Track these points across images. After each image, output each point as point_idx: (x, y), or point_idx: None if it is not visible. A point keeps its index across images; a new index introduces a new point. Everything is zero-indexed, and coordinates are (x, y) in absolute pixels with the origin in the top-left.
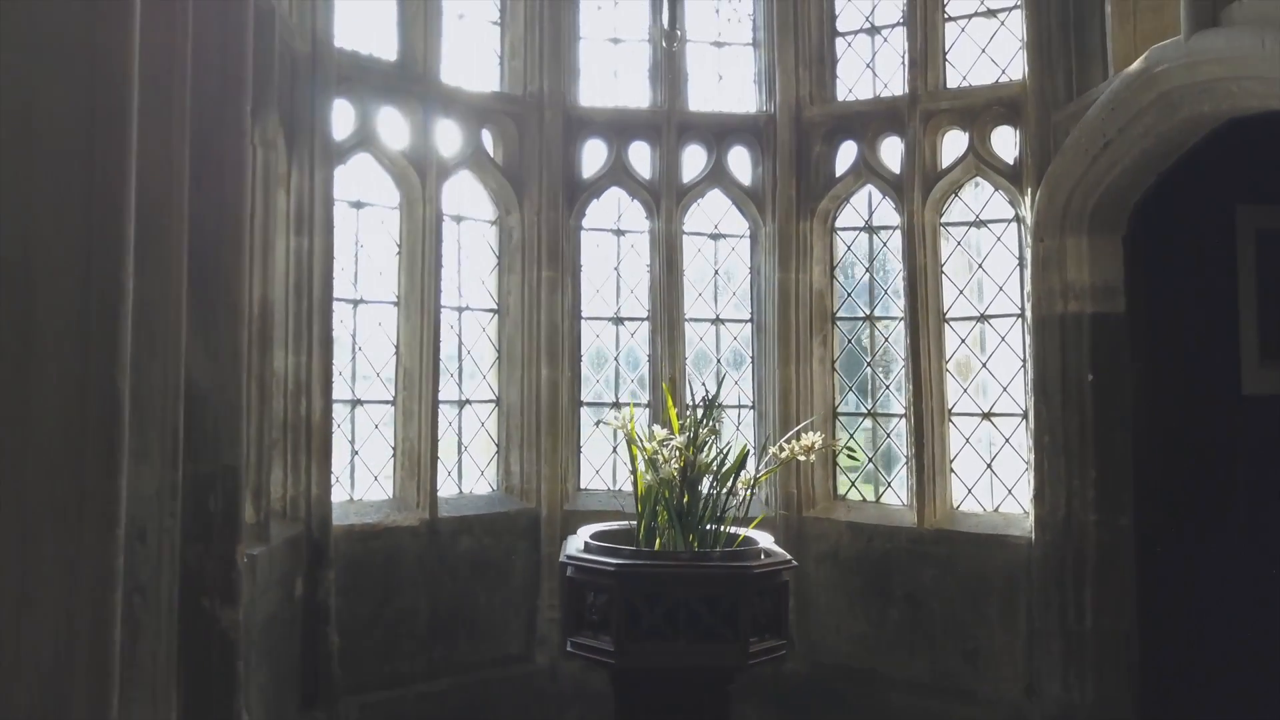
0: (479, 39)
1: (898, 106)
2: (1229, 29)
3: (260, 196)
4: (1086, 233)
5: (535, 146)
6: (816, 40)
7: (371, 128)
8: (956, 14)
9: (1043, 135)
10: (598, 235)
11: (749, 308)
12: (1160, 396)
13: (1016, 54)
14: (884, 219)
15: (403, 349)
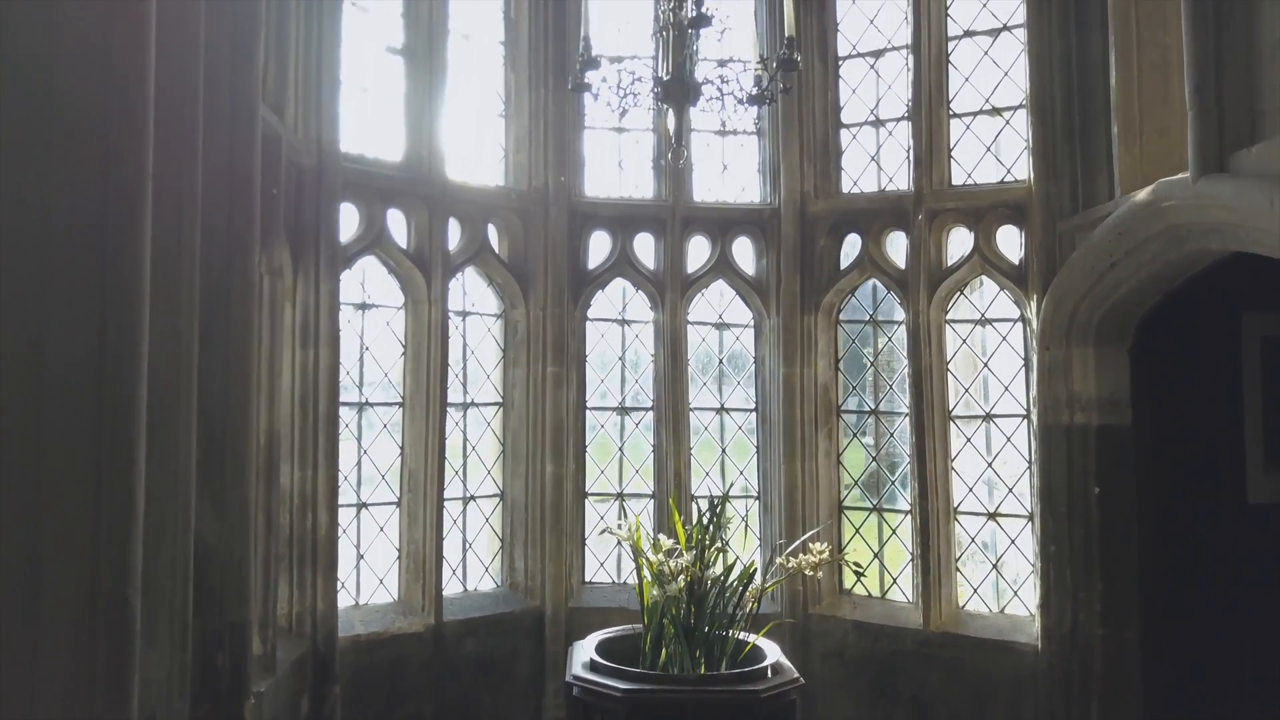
0: (483, 134)
1: (902, 205)
2: (1238, 180)
3: (267, 322)
4: (1093, 344)
5: (540, 240)
6: (821, 132)
7: (377, 230)
8: (961, 110)
9: (1048, 243)
10: (603, 325)
11: (754, 397)
12: (1166, 507)
13: (1021, 154)
14: (889, 313)
15: (408, 450)
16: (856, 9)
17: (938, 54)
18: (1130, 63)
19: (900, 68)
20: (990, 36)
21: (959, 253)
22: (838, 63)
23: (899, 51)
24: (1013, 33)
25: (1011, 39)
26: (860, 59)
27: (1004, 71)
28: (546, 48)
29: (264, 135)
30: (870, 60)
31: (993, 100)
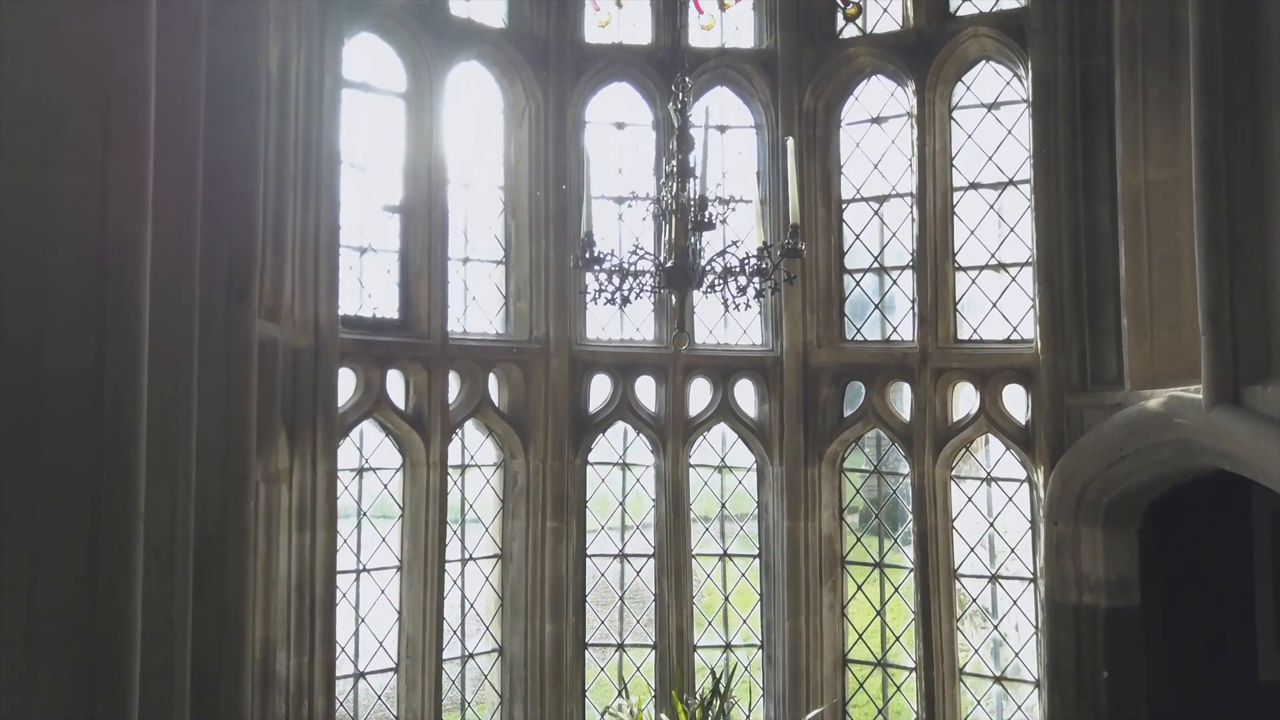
0: (483, 283)
1: (908, 361)
2: (1252, 421)
3: (263, 532)
4: (1101, 525)
5: (541, 389)
6: (824, 278)
7: (375, 395)
8: (967, 264)
9: (1056, 415)
10: (603, 469)
11: (756, 542)
12: (1176, 688)
13: (1028, 313)
14: (894, 465)
15: (405, 615)
16: (860, 152)
17: (943, 206)
18: (1141, 254)
19: (905, 215)
20: (995, 190)
21: (965, 409)
22: (841, 207)
23: (903, 199)
24: (1019, 188)
25: (1018, 195)
26: (864, 203)
27: (1010, 227)
28: (548, 195)
29: (261, 341)
30: (874, 205)
31: (999, 255)
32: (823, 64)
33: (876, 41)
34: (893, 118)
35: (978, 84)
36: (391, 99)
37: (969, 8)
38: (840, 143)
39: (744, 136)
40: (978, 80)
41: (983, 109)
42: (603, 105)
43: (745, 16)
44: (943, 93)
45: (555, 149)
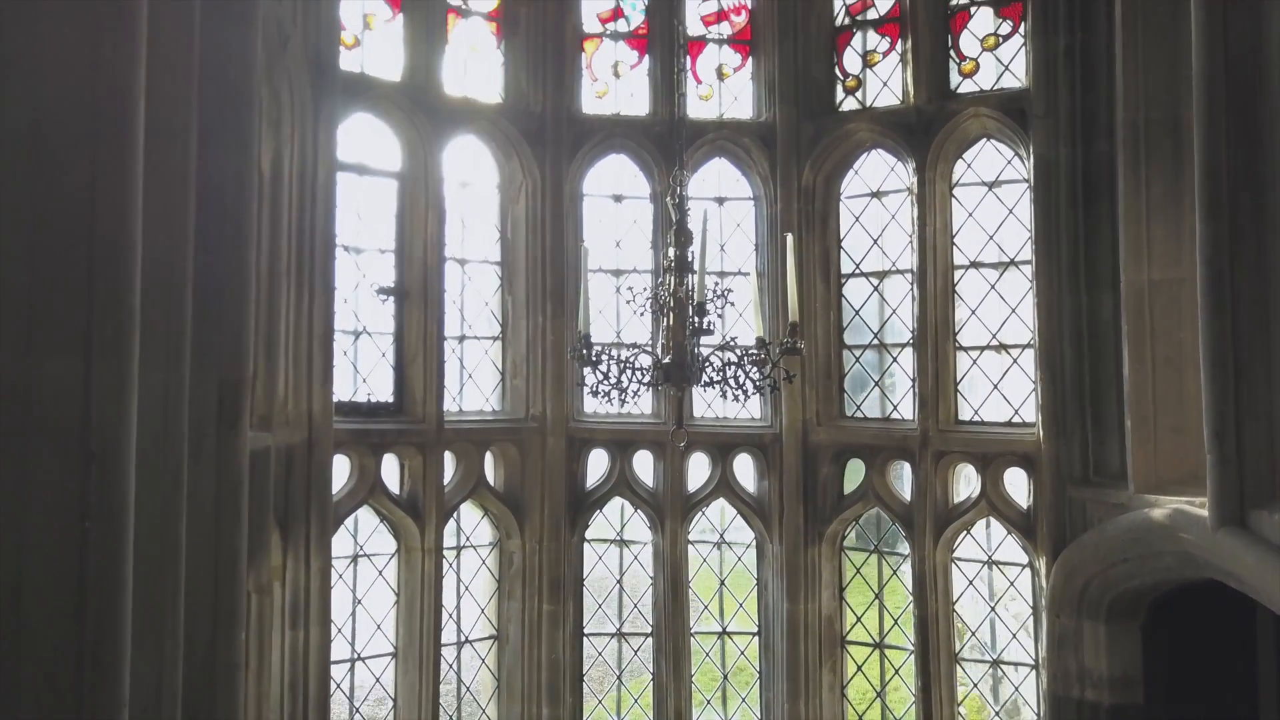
0: (479, 360)
1: (908, 443)
2: (1259, 549)
3: (255, 643)
4: (1104, 620)
5: (537, 468)
6: (824, 354)
7: (370, 482)
8: (968, 344)
9: (1058, 505)
10: (600, 546)
11: (755, 620)
12: None
13: (1029, 395)
14: (893, 544)
15: (401, 703)
16: (860, 228)
17: (944, 285)
18: (1144, 355)
19: (905, 291)
20: (996, 270)
21: (966, 490)
22: (840, 282)
23: (903, 275)
24: (1020, 269)
25: (1019, 276)
26: (863, 278)
27: (1011, 308)
28: (545, 271)
29: (253, 451)
30: (874, 281)
31: (1000, 336)
32: (822, 139)
33: (877, 117)
34: (893, 192)
35: (978, 161)
36: (386, 179)
37: (969, 85)
38: (840, 216)
39: (742, 208)
40: (978, 158)
41: (984, 187)
42: (600, 177)
43: (744, 86)
44: (943, 170)
45: (553, 223)
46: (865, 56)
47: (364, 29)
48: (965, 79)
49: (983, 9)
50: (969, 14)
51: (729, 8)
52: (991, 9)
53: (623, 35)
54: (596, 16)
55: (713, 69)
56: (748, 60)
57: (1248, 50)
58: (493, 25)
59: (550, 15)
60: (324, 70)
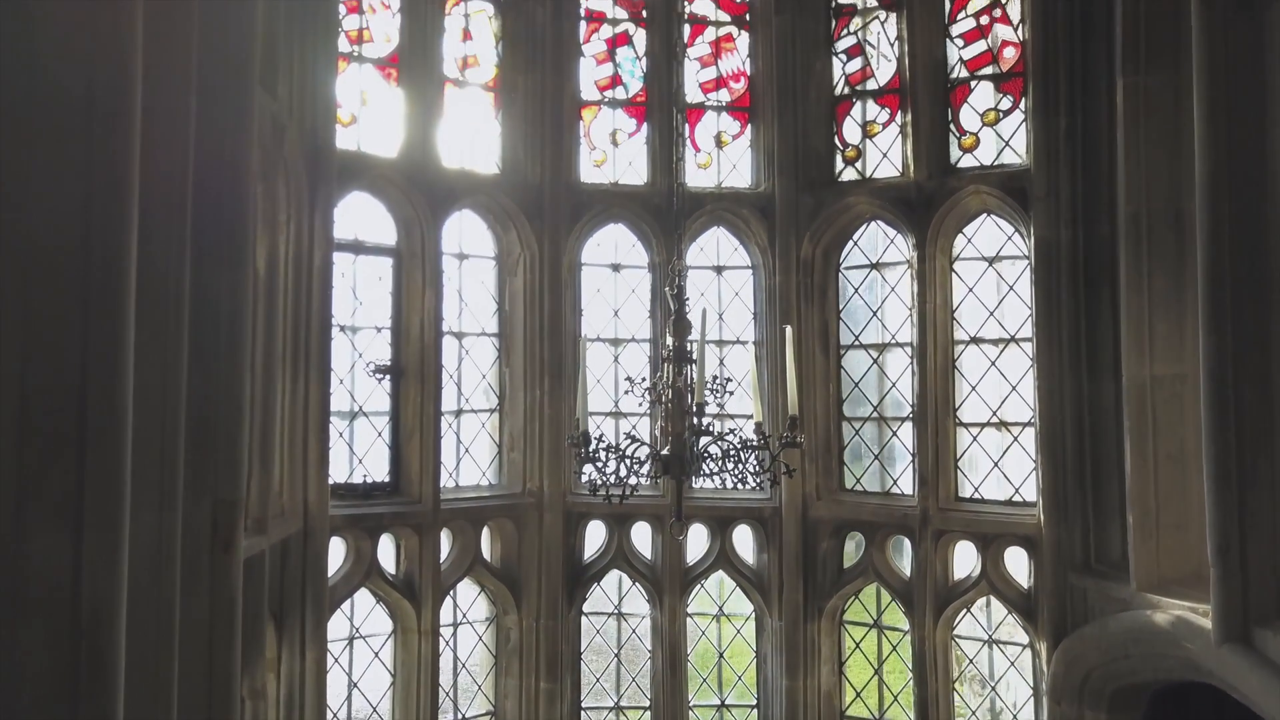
0: (476, 432)
1: (908, 522)
2: (1263, 671)
3: None
4: (1105, 710)
5: (534, 544)
6: (823, 427)
7: (366, 564)
8: (968, 420)
9: (1059, 591)
10: (598, 619)
11: (754, 693)
12: None
13: (1030, 474)
14: (892, 619)
15: None
16: (859, 299)
17: (944, 361)
18: (1146, 450)
19: (905, 365)
20: (997, 347)
21: (966, 568)
22: (840, 353)
23: (903, 348)
24: (1021, 346)
25: (1020, 353)
26: (862, 350)
27: (1012, 386)
28: (542, 344)
29: (248, 559)
30: (873, 354)
31: (1001, 413)
32: (821, 211)
33: (876, 191)
34: (892, 265)
35: (979, 236)
36: (382, 257)
37: (970, 160)
38: (839, 287)
39: (740, 276)
40: (979, 233)
41: (984, 262)
42: (598, 244)
43: (743, 153)
44: (943, 245)
45: (551, 296)
46: (865, 127)
47: (361, 105)
48: (965, 153)
49: (983, 83)
50: (969, 88)
51: (728, 74)
52: (991, 84)
53: (621, 103)
54: (595, 84)
55: (711, 136)
56: (746, 127)
57: (1252, 159)
58: (490, 95)
59: (548, 84)
60: (320, 155)
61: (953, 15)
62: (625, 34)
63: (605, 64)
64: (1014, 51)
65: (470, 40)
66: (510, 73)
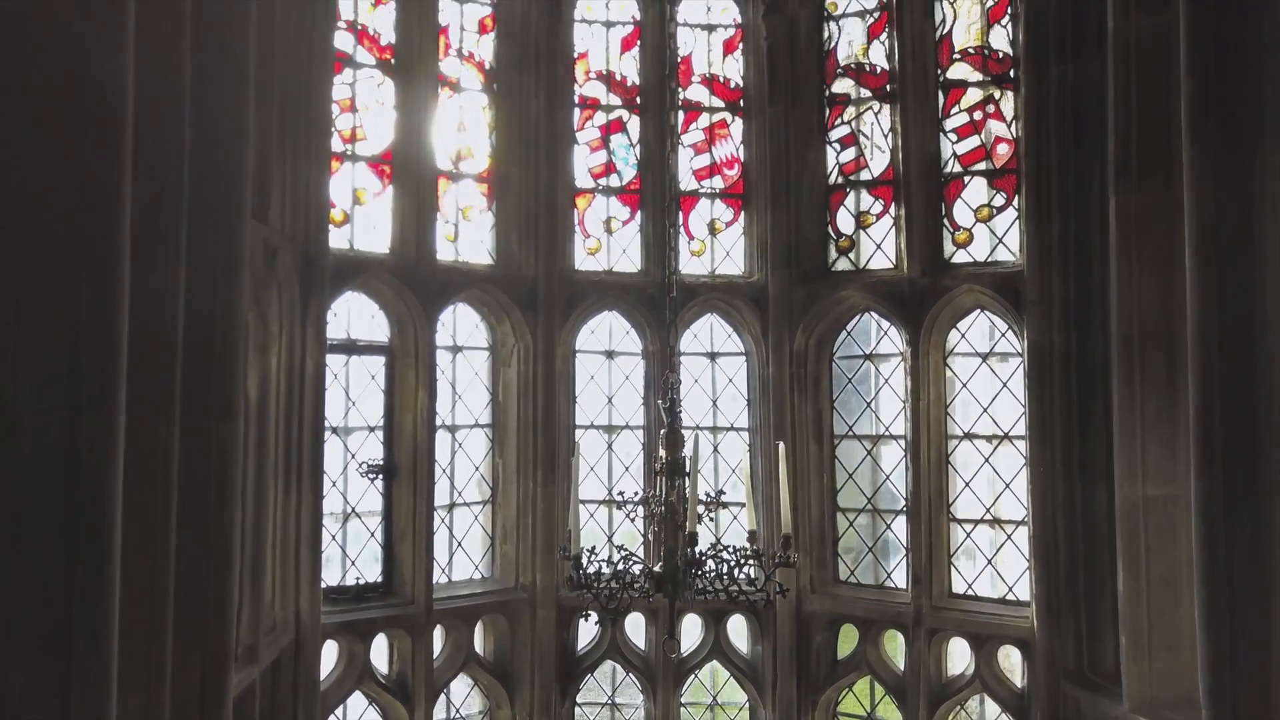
0: (469, 524)
1: (902, 619)
2: None
3: None
4: None
5: (527, 641)
6: (817, 519)
7: (359, 668)
8: (962, 516)
9: (1051, 698)
10: (591, 709)
11: None
12: None
13: (1024, 572)
14: (887, 713)
15: None
16: (852, 389)
17: (937, 457)
18: (1139, 572)
19: (899, 457)
20: (990, 443)
21: (960, 663)
22: (834, 443)
23: (896, 441)
24: (1014, 443)
25: (1013, 451)
26: (856, 440)
27: (1005, 484)
28: (536, 436)
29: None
30: (866, 445)
31: (995, 510)
32: (815, 303)
33: (870, 286)
34: (886, 356)
35: (972, 332)
36: (375, 356)
37: (963, 255)
38: (832, 376)
39: (734, 362)
40: (972, 328)
41: (977, 358)
42: (592, 329)
43: (736, 240)
44: (937, 341)
45: (544, 387)
46: (859, 218)
47: (354, 203)
48: (959, 248)
49: (976, 179)
50: (963, 183)
51: (721, 161)
52: (985, 180)
53: (615, 191)
54: (589, 171)
55: (705, 223)
56: (740, 215)
57: (1242, 304)
58: (484, 187)
59: (542, 174)
60: (313, 264)
61: (946, 109)
62: (619, 121)
63: (599, 151)
64: (1007, 148)
65: (464, 131)
66: (504, 163)
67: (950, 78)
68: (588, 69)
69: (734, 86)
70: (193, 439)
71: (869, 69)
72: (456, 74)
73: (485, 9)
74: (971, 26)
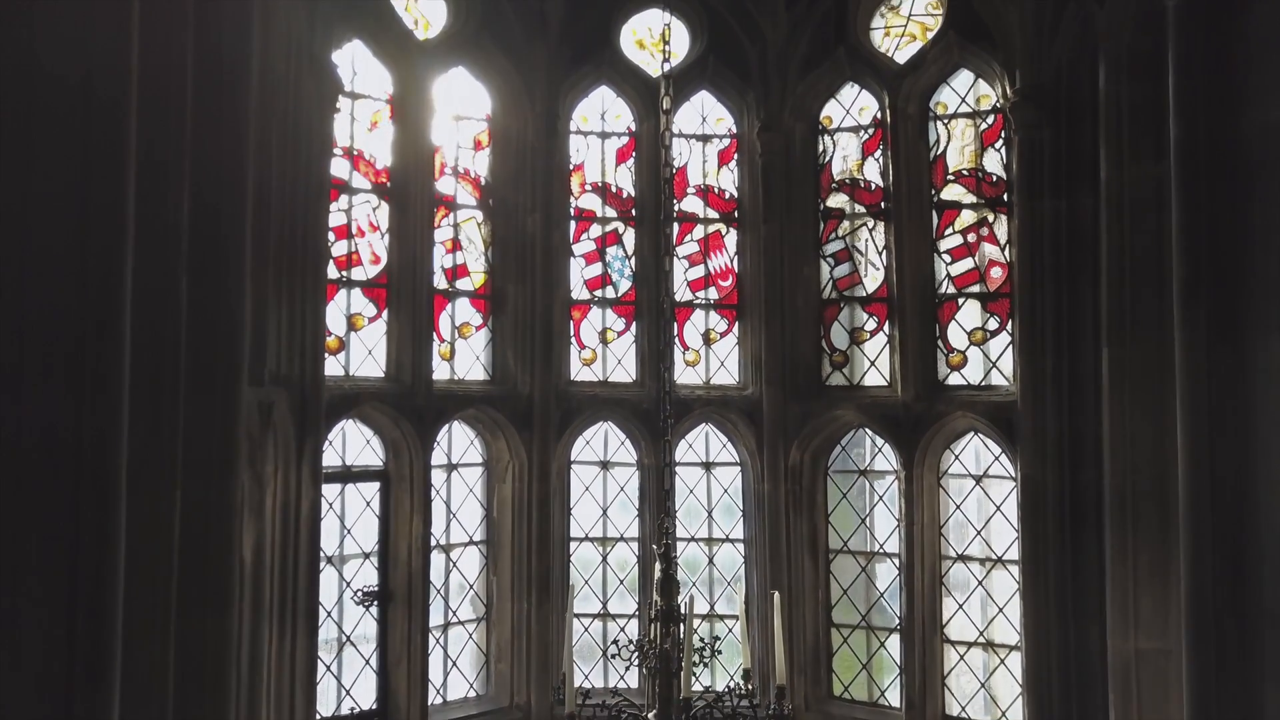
0: (463, 642)
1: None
2: None
3: None
4: None
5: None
6: (811, 634)
7: None
8: (956, 638)
9: None
10: None
11: None
12: None
13: (1017, 698)
14: None
15: None
16: (847, 504)
17: (931, 578)
18: None
19: (893, 575)
20: (984, 566)
21: None
22: (828, 558)
23: (890, 559)
24: (1007, 568)
25: (1007, 577)
26: (850, 555)
27: (999, 608)
28: (531, 555)
29: None
30: (861, 561)
31: (989, 633)
32: (809, 421)
33: (865, 408)
34: (881, 473)
35: (966, 453)
36: (370, 483)
37: (957, 378)
38: (827, 491)
39: (729, 472)
40: (966, 450)
41: (971, 480)
42: (588, 438)
43: (731, 349)
44: (931, 463)
45: (539, 506)
46: (853, 334)
47: (349, 331)
48: (953, 370)
49: (970, 301)
50: (956, 304)
51: (716, 272)
52: (979, 302)
53: (610, 302)
54: (584, 282)
55: (699, 333)
56: (735, 325)
57: (1231, 473)
58: (480, 303)
59: (539, 290)
60: (308, 404)
61: (940, 230)
62: (615, 233)
63: (595, 263)
64: (1001, 272)
65: (459, 250)
66: (501, 279)
67: (944, 198)
68: (583, 180)
69: (729, 198)
70: (184, 634)
71: (863, 185)
72: (452, 191)
73: (480, 125)
74: (965, 149)
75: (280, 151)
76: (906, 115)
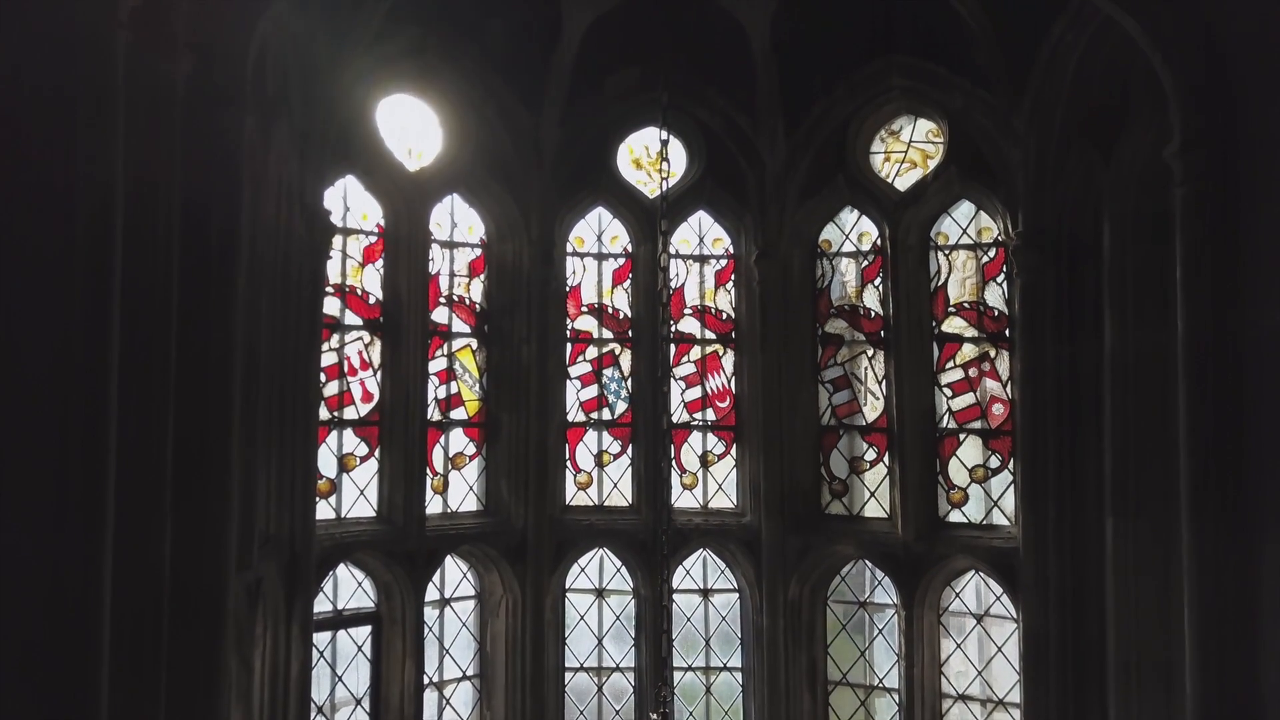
0: None
1: None
2: None
3: None
4: None
5: None
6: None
7: None
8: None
9: None
10: None
11: None
12: None
13: None
14: None
15: None
16: (845, 637)
17: (932, 718)
18: None
19: (893, 710)
20: (985, 707)
21: None
22: (827, 691)
23: (890, 694)
24: (1009, 711)
25: (1008, 718)
26: (849, 688)
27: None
28: (524, 692)
29: None
30: (860, 694)
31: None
32: (809, 554)
33: (864, 544)
34: (881, 606)
35: (966, 591)
36: (361, 627)
37: (958, 515)
38: (826, 622)
39: (727, 599)
40: (966, 588)
41: (972, 619)
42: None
43: (728, 472)
44: (932, 601)
45: (533, 641)
46: (852, 463)
47: (340, 472)
48: (954, 507)
49: (972, 436)
50: (957, 440)
51: (713, 393)
52: (980, 439)
53: (607, 424)
54: (580, 404)
55: (696, 455)
56: (732, 447)
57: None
58: (474, 431)
59: (533, 419)
60: (298, 560)
61: (941, 363)
62: (611, 354)
63: (591, 385)
64: (1002, 409)
65: (452, 380)
66: (495, 408)
67: (945, 331)
68: (579, 302)
69: (726, 318)
70: None
71: (863, 312)
72: (446, 320)
73: (475, 251)
74: (967, 280)
75: (270, 304)
76: (907, 245)
